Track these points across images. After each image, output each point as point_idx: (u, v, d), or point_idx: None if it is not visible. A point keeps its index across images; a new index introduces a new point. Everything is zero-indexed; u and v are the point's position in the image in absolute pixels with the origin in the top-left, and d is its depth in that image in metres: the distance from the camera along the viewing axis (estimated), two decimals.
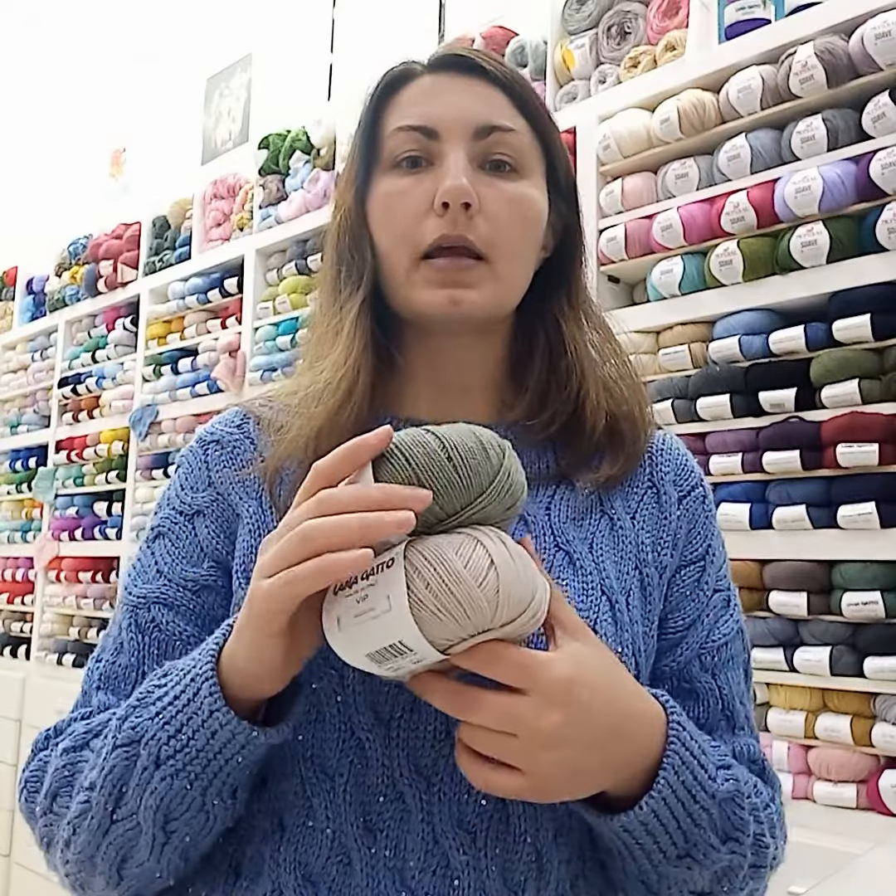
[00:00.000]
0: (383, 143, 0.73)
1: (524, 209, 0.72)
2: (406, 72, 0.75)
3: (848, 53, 1.56)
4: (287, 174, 2.75)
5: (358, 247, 0.74)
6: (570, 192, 0.79)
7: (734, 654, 0.75)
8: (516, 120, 0.73)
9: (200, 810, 0.61)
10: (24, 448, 3.76)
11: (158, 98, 3.74)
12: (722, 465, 1.64)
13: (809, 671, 1.51)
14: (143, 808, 0.60)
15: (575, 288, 0.79)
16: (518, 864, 0.64)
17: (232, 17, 3.49)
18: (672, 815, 0.61)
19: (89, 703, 0.70)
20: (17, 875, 3.21)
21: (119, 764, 0.60)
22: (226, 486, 0.74)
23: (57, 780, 0.65)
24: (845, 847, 1.36)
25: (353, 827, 0.63)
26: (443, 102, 0.72)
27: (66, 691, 3.09)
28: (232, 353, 2.80)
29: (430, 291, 0.70)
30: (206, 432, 0.78)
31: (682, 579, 0.75)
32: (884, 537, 1.45)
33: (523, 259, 0.74)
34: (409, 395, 0.76)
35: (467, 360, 0.76)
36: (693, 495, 0.77)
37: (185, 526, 0.73)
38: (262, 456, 0.73)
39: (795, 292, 1.60)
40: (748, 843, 0.65)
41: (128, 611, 0.72)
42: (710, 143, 1.77)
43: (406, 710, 0.64)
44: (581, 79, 2.08)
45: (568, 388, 0.74)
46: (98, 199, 3.99)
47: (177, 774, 0.59)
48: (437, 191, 0.69)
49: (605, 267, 1.92)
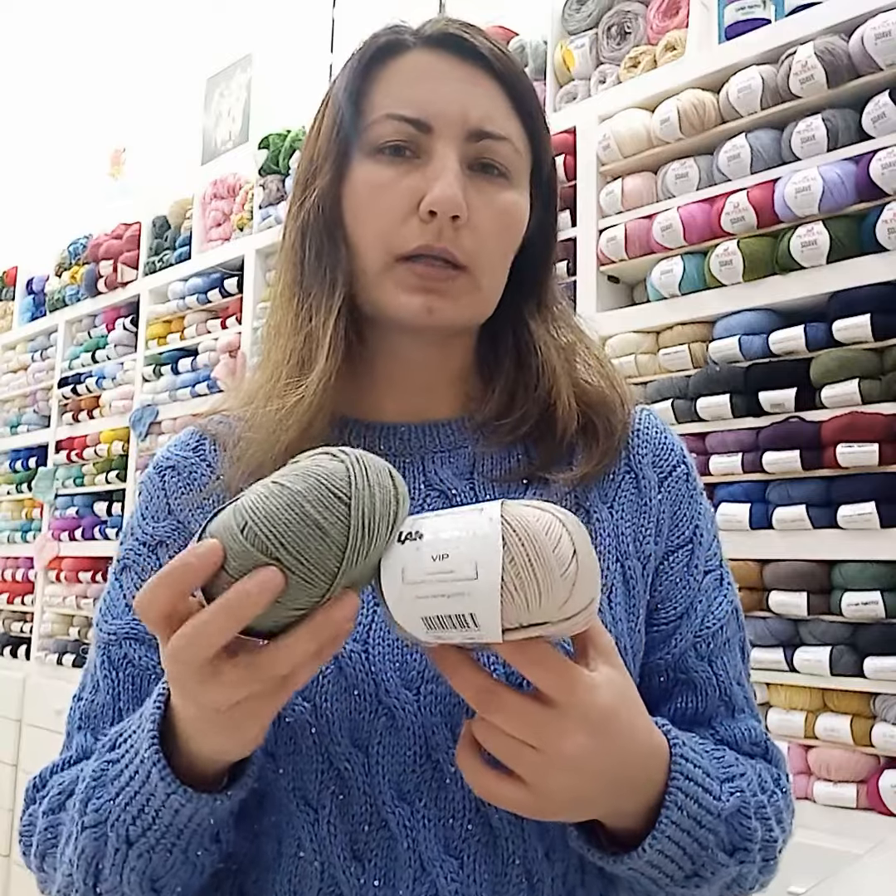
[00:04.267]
0: (368, 125, 0.67)
1: (510, 219, 0.69)
2: (396, 43, 0.69)
3: (848, 53, 1.56)
4: (287, 174, 2.75)
5: (330, 233, 0.69)
6: (550, 193, 0.75)
7: (730, 637, 0.72)
8: (512, 124, 0.69)
9: (185, 864, 0.60)
10: (24, 448, 3.75)
11: (158, 98, 3.74)
12: (722, 465, 1.64)
13: (809, 671, 1.51)
14: (125, 881, 0.59)
15: (544, 286, 0.76)
16: (508, 886, 0.62)
17: (232, 17, 3.48)
18: (677, 846, 0.59)
19: (70, 746, 0.69)
20: (17, 875, 3.21)
21: (89, 845, 0.59)
22: (185, 513, 0.72)
23: (42, 842, 0.65)
24: (845, 847, 1.35)
25: (341, 858, 0.62)
26: (439, 94, 0.67)
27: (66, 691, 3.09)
28: (232, 353, 2.80)
29: (404, 296, 0.66)
30: (161, 457, 0.76)
31: (671, 566, 0.72)
32: (884, 537, 1.45)
33: (503, 269, 0.71)
34: (372, 397, 0.73)
35: (433, 360, 0.73)
36: (675, 475, 0.74)
37: (149, 557, 0.71)
38: (220, 478, 0.70)
39: (795, 292, 1.60)
40: (757, 849, 0.64)
41: (100, 648, 0.70)
42: (710, 143, 1.77)
43: (384, 734, 0.62)
44: (581, 79, 2.08)
45: (538, 389, 0.71)
46: (98, 199, 3.98)
47: (152, 849, 0.58)
48: (426, 194, 0.65)
49: (605, 267, 1.92)
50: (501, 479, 0.71)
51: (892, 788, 1.41)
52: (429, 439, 0.72)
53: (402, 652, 0.64)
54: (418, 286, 0.66)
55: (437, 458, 0.71)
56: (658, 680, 0.71)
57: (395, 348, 0.72)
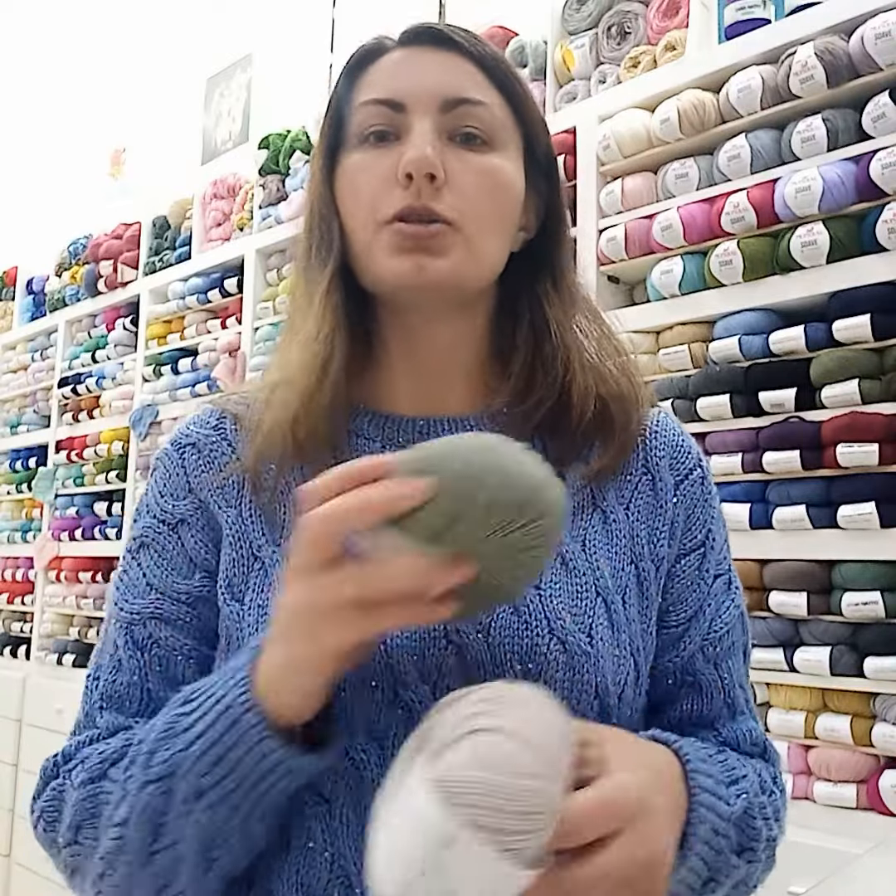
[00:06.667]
0: (351, 119, 0.70)
1: (494, 180, 0.68)
2: (376, 46, 0.72)
3: (848, 53, 1.56)
4: (287, 174, 2.75)
5: (325, 222, 0.71)
6: (551, 170, 0.74)
7: (735, 640, 0.73)
8: (488, 92, 0.69)
9: (242, 835, 0.60)
10: (24, 448, 3.75)
11: (158, 98, 3.74)
12: (722, 465, 1.64)
13: (809, 671, 1.51)
14: (185, 838, 0.58)
15: (559, 269, 0.75)
16: None
17: (232, 17, 3.48)
18: (701, 860, 0.61)
19: (94, 724, 0.69)
20: (17, 875, 3.21)
21: (153, 800, 0.59)
22: (205, 493, 0.71)
23: (79, 812, 0.63)
24: (845, 847, 1.35)
25: (351, 850, 0.62)
26: (410, 75, 0.69)
27: (66, 691, 3.11)
28: (232, 353, 2.80)
29: (394, 259, 0.66)
30: (180, 434, 0.75)
31: (683, 569, 0.72)
32: (884, 537, 1.45)
33: (496, 230, 0.69)
34: (388, 387, 0.73)
35: (445, 343, 0.72)
36: (691, 478, 0.74)
37: (170, 536, 0.71)
38: (240, 458, 0.71)
39: (795, 292, 1.60)
40: (762, 848, 0.66)
41: (122, 627, 0.70)
42: (710, 143, 1.77)
43: (400, 727, 0.62)
44: (581, 79, 2.08)
45: (553, 372, 0.70)
46: (98, 199, 3.98)
47: (219, 804, 0.57)
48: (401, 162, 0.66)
49: (605, 267, 1.92)
50: None
51: (892, 788, 1.41)
52: (445, 434, 0.71)
53: (420, 645, 0.64)
54: (406, 246, 0.66)
55: None
56: (666, 682, 0.71)
57: (406, 333, 0.72)
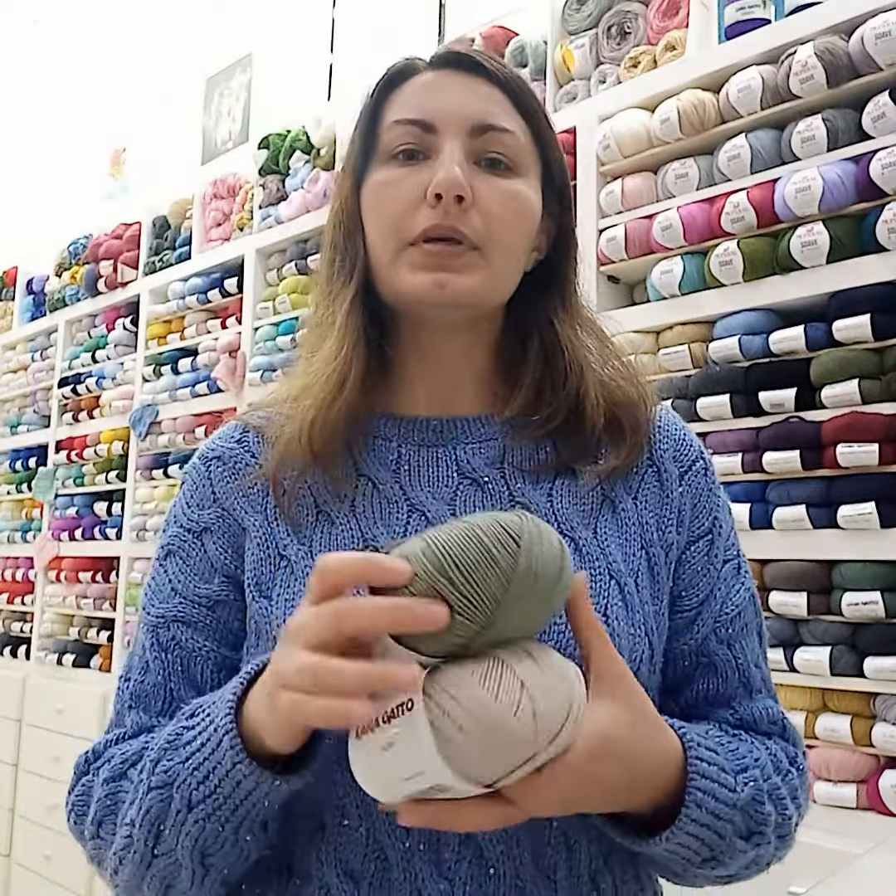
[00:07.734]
0: (381, 136, 0.73)
1: (518, 205, 0.72)
2: (407, 67, 0.75)
3: (848, 53, 1.56)
4: (287, 174, 2.75)
5: (350, 237, 0.74)
6: (564, 194, 0.78)
7: (748, 622, 0.76)
8: (514, 120, 0.73)
9: (234, 846, 0.63)
10: (24, 448, 3.76)
11: (158, 98, 3.74)
12: (722, 465, 1.64)
13: (809, 671, 1.51)
14: (181, 846, 0.62)
15: (569, 290, 0.79)
16: (548, 848, 0.66)
17: (232, 17, 3.49)
18: (695, 838, 0.63)
19: (123, 723, 0.73)
20: (17, 875, 3.21)
21: (155, 805, 0.62)
22: (230, 501, 0.75)
23: (101, 809, 0.68)
24: (845, 847, 1.35)
25: (386, 823, 0.64)
26: (441, 98, 0.72)
27: (66, 691, 3.11)
28: (232, 353, 2.80)
29: (417, 275, 0.69)
30: (207, 448, 0.79)
31: (693, 556, 0.75)
32: (884, 537, 1.45)
33: (516, 253, 0.73)
34: (403, 392, 0.77)
35: (456, 352, 0.76)
36: (694, 469, 0.78)
37: (195, 543, 0.75)
38: (262, 467, 0.74)
39: (795, 292, 1.60)
40: (771, 831, 0.67)
41: (149, 630, 0.74)
42: (710, 143, 1.77)
43: None
44: (581, 79, 2.08)
45: (566, 388, 0.74)
46: (98, 199, 3.99)
47: (208, 818, 0.61)
48: (431, 182, 0.68)
49: (605, 267, 1.92)
50: (531, 471, 0.74)
51: (892, 788, 1.41)
52: (460, 431, 0.75)
53: None
54: (429, 264, 0.69)
55: (469, 449, 0.75)
56: (682, 664, 0.74)
57: (422, 344, 0.75)
